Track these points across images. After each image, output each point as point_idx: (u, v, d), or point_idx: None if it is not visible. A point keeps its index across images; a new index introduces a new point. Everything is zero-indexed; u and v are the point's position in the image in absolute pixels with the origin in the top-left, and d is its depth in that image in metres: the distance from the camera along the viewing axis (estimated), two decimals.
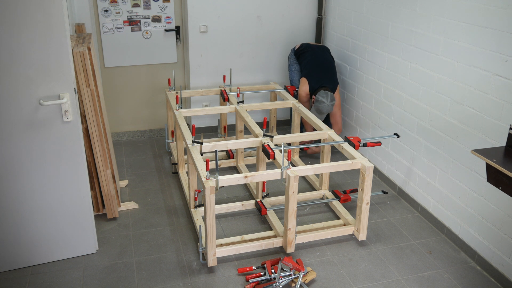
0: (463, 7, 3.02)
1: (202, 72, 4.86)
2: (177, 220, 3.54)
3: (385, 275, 3.01)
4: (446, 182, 3.35)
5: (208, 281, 2.92)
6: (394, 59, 3.80)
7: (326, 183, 3.82)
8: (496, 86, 2.82)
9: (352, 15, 4.40)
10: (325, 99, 4.18)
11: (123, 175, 4.21)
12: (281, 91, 4.49)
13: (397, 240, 3.36)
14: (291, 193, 2.98)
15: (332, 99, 4.20)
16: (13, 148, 2.69)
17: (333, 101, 4.20)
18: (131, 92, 4.93)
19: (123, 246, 3.24)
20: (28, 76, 2.57)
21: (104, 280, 2.92)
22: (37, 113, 2.66)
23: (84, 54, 3.04)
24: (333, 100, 4.21)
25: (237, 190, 3.97)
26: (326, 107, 4.19)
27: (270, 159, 3.23)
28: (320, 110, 4.22)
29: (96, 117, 3.23)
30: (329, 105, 4.19)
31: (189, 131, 3.54)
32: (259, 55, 4.97)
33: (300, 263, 3.00)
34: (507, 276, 2.89)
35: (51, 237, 2.98)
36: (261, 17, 4.83)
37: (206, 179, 2.88)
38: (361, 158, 3.20)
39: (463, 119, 3.12)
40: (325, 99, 4.18)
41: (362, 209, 3.20)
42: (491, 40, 2.83)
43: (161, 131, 5.10)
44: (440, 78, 3.30)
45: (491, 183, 2.36)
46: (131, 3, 4.59)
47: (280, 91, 4.46)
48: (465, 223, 3.21)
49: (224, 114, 4.53)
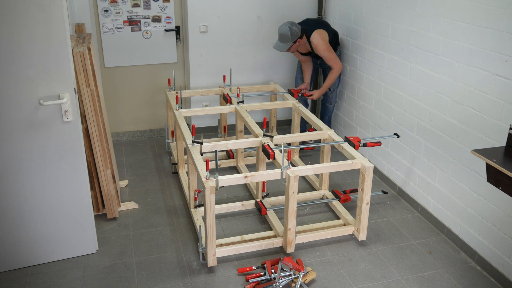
0: (463, 7, 3.02)
1: (202, 72, 4.86)
2: (177, 220, 3.55)
3: (385, 275, 3.01)
4: (446, 182, 3.35)
5: (208, 281, 2.92)
6: (394, 59, 3.80)
7: (326, 183, 3.82)
8: (496, 86, 2.82)
9: (352, 15, 4.40)
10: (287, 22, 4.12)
11: (123, 175, 4.21)
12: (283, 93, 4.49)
13: (397, 240, 3.36)
14: (291, 193, 2.98)
15: (293, 25, 4.10)
16: (13, 148, 2.69)
17: (293, 26, 4.08)
18: (131, 92, 4.93)
19: (123, 246, 3.24)
20: (28, 76, 2.57)
21: (104, 280, 2.92)
22: (37, 113, 2.66)
23: (84, 54, 3.04)
24: (294, 26, 4.09)
25: (237, 190, 3.97)
26: (282, 26, 4.11)
27: (270, 159, 3.23)
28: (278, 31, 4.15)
29: (96, 117, 3.23)
30: (286, 26, 4.08)
31: (189, 131, 3.54)
32: (259, 55, 4.97)
33: (300, 263, 3.00)
34: (507, 276, 2.89)
35: (51, 237, 2.98)
36: (261, 17, 4.83)
37: (206, 179, 2.88)
38: (361, 158, 3.20)
39: (463, 119, 3.12)
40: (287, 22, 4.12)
41: (362, 209, 3.20)
42: (491, 40, 2.83)
43: (161, 131, 5.10)
44: (440, 78, 3.30)
45: (491, 183, 2.36)
46: (131, 3, 4.59)
47: (284, 94, 4.42)
48: (465, 223, 3.21)
49: (224, 114, 4.53)
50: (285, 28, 4.10)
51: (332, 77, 4.32)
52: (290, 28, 4.09)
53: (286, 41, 4.13)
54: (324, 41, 4.20)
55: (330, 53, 4.22)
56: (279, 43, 4.19)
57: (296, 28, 4.12)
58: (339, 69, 4.29)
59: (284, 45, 4.16)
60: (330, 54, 4.22)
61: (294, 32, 4.10)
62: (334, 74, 4.30)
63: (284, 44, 4.16)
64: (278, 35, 4.17)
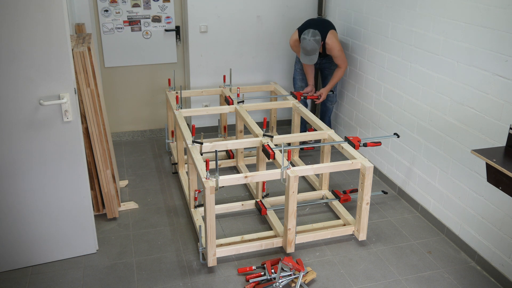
0: (463, 7, 3.02)
1: (202, 72, 4.86)
2: (177, 220, 3.55)
3: (385, 275, 3.01)
4: (446, 182, 3.35)
5: (208, 281, 2.92)
6: (394, 59, 3.80)
7: (326, 183, 3.82)
8: (496, 86, 2.82)
9: (352, 15, 4.40)
10: (306, 35, 4.07)
11: (123, 175, 4.21)
12: (281, 93, 4.48)
13: (397, 240, 3.36)
14: (291, 193, 2.98)
15: (315, 34, 4.07)
16: (13, 148, 2.69)
17: (315, 36, 4.06)
18: (131, 92, 4.93)
19: (123, 246, 3.24)
20: (28, 76, 2.57)
21: (104, 280, 2.92)
22: (37, 113, 2.66)
23: (84, 54, 3.04)
24: (316, 35, 4.07)
25: (237, 190, 3.97)
26: (307, 42, 4.06)
27: (270, 159, 3.23)
28: (304, 48, 4.10)
29: (96, 117, 3.23)
30: (310, 40, 4.04)
31: (189, 131, 3.54)
32: (259, 55, 4.97)
33: (300, 263, 3.00)
34: (507, 276, 2.89)
35: (51, 237, 2.98)
36: (261, 17, 4.83)
37: (206, 179, 2.88)
38: (361, 158, 3.20)
39: (463, 119, 3.12)
40: (306, 35, 4.07)
41: (362, 209, 3.20)
42: (491, 40, 2.83)
43: (161, 131, 5.10)
44: (440, 78, 3.30)
45: (491, 183, 2.36)
46: (131, 3, 4.59)
47: (286, 96, 4.40)
48: (465, 223, 3.21)
49: (224, 114, 4.53)
50: (311, 43, 4.06)
51: (338, 75, 4.33)
52: (314, 39, 4.06)
53: (315, 52, 4.13)
54: (338, 42, 4.23)
55: (342, 52, 4.25)
56: (308, 57, 4.15)
57: (318, 36, 4.09)
58: (346, 67, 4.33)
59: (315, 56, 4.15)
60: (342, 54, 4.25)
61: (318, 40, 4.09)
62: (341, 72, 4.32)
63: (315, 55, 4.15)
64: (305, 51, 4.11)
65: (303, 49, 4.14)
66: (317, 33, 4.10)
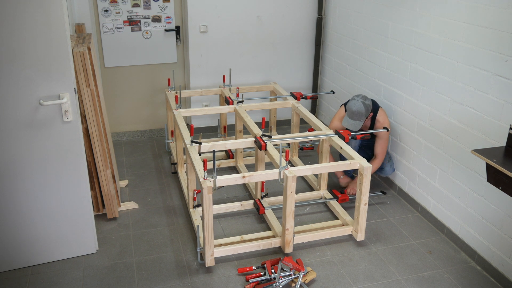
0: (463, 7, 3.02)
1: (202, 72, 4.86)
2: (177, 220, 3.55)
3: (385, 275, 3.01)
4: (446, 182, 3.35)
5: (208, 281, 2.92)
6: (394, 59, 3.80)
7: (324, 183, 3.82)
8: (496, 86, 2.82)
9: (352, 15, 4.40)
10: (356, 96, 3.67)
11: (123, 175, 4.21)
12: (281, 93, 4.48)
13: (397, 240, 3.36)
14: (289, 193, 2.98)
15: (365, 98, 3.65)
16: (13, 148, 2.69)
17: (366, 100, 3.63)
18: (131, 92, 4.93)
19: (123, 246, 3.24)
20: (28, 76, 2.57)
21: (104, 280, 2.92)
22: (37, 113, 2.66)
23: (84, 54, 3.04)
24: (367, 100, 3.65)
25: (236, 190, 3.97)
26: (355, 102, 3.62)
27: (262, 149, 3.23)
28: (349, 108, 3.63)
29: (96, 117, 3.23)
30: (359, 101, 3.61)
31: (188, 131, 3.54)
32: (259, 55, 4.97)
33: (300, 263, 3.00)
34: (507, 276, 2.89)
35: (51, 237, 2.98)
36: (261, 17, 4.83)
37: (204, 179, 2.88)
38: (359, 158, 3.20)
39: (463, 119, 3.12)
40: (356, 96, 3.67)
41: (360, 210, 3.19)
42: (491, 40, 2.83)
43: (161, 131, 5.10)
44: (440, 78, 3.30)
45: (491, 183, 2.37)
46: (131, 3, 4.59)
47: (286, 96, 4.39)
48: (465, 223, 3.21)
49: (224, 114, 4.53)
50: (359, 105, 3.60)
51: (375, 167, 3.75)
52: (364, 103, 3.61)
53: (361, 118, 3.62)
54: (389, 122, 3.77)
55: (388, 139, 3.78)
56: (352, 121, 3.63)
57: (369, 102, 3.66)
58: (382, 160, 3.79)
59: (359, 122, 3.62)
60: (387, 140, 3.77)
61: (368, 106, 3.63)
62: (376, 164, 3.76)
63: (359, 121, 3.62)
64: (350, 113, 3.63)
65: (348, 110, 3.65)
66: (369, 100, 3.69)
